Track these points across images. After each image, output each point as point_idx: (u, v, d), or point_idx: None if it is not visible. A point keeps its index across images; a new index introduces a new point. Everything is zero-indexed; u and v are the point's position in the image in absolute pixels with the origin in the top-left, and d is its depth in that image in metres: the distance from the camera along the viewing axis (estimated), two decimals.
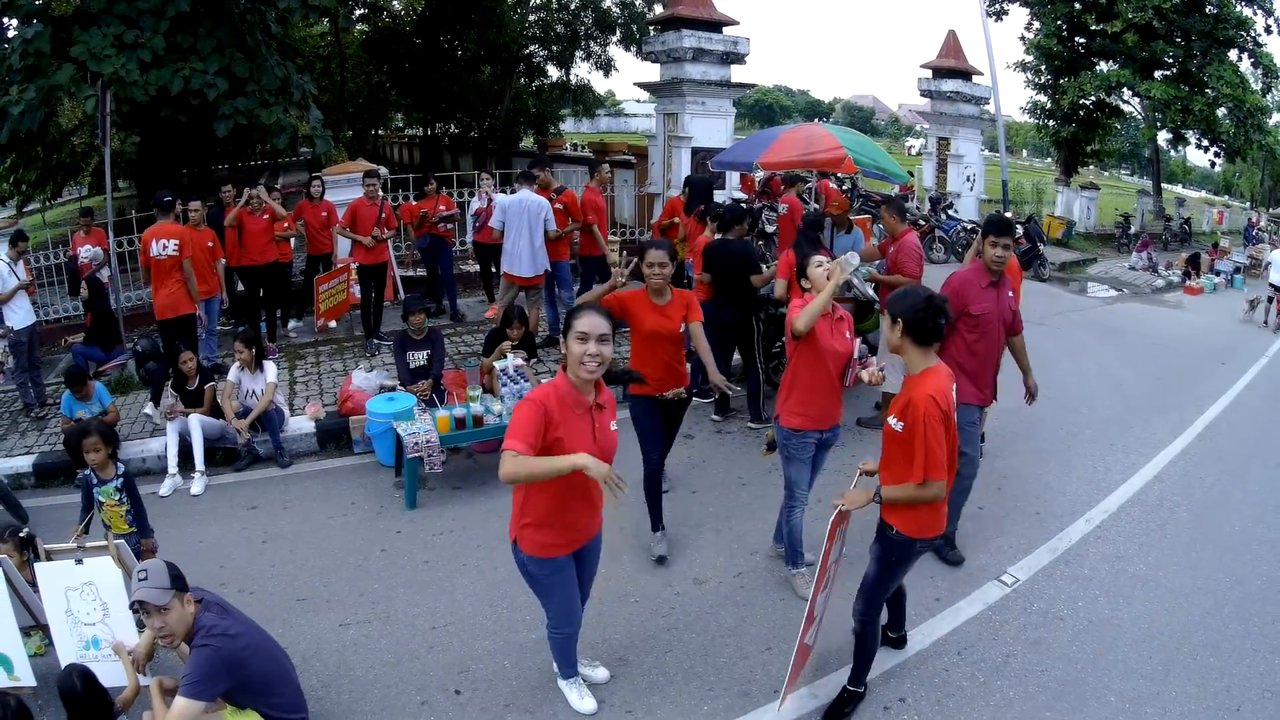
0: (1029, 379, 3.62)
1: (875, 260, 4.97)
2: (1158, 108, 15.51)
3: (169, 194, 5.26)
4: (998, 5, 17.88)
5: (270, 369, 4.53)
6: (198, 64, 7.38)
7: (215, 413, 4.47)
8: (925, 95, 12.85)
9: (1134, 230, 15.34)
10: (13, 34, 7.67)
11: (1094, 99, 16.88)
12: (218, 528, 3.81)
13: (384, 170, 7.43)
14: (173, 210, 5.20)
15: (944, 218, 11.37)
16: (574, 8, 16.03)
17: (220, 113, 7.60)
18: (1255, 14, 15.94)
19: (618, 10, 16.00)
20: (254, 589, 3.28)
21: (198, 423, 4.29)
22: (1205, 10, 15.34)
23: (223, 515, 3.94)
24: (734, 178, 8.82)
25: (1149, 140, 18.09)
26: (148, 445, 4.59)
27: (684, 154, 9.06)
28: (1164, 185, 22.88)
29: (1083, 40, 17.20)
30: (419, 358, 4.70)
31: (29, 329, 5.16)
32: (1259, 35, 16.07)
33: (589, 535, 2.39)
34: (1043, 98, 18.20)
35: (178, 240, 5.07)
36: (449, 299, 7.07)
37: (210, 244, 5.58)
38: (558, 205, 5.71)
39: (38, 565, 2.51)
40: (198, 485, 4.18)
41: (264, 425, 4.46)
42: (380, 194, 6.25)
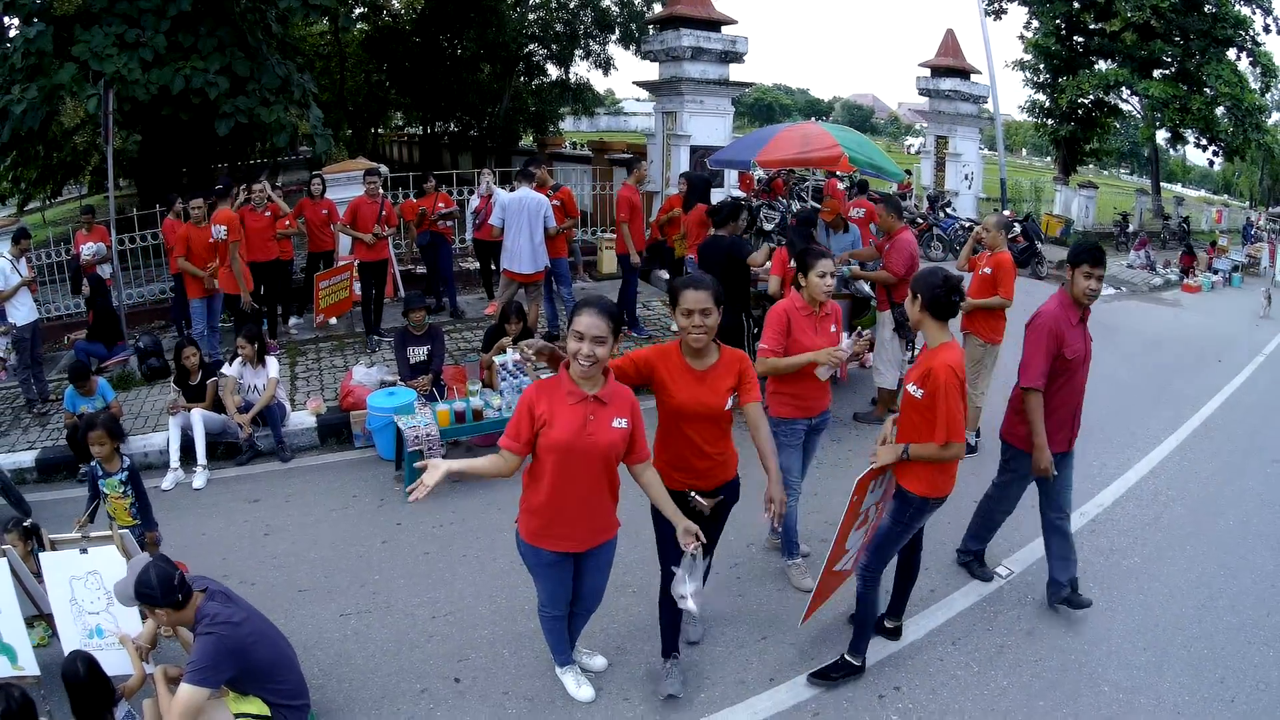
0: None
1: (872, 259, 5.01)
2: (1156, 106, 15.54)
3: (226, 180, 5.72)
4: (996, 4, 17.90)
5: (272, 364, 4.57)
6: (199, 63, 7.43)
7: (217, 408, 4.51)
8: (924, 94, 12.89)
9: (1132, 229, 15.37)
10: (14, 33, 7.71)
11: (1092, 98, 16.91)
12: (220, 520, 3.85)
13: (384, 169, 7.46)
14: (230, 196, 5.59)
15: (942, 216, 11.43)
16: (573, 6, 16.07)
17: (221, 111, 7.65)
18: (1254, 13, 15.97)
19: (617, 9, 16.03)
20: (256, 580, 3.32)
21: (200, 417, 4.32)
22: (1204, 9, 15.36)
23: (224, 508, 3.98)
24: (732, 176, 8.84)
25: (1148, 138, 18.11)
26: (150, 440, 4.62)
27: (683, 152, 9.08)
28: (1163, 185, 22.91)
29: (1081, 39, 17.23)
30: (419, 353, 4.73)
31: (31, 325, 5.21)
32: (1257, 35, 16.12)
33: (589, 544, 2.34)
34: (1041, 96, 18.23)
35: (226, 226, 5.43)
36: (449, 296, 7.10)
37: (210, 241, 5.58)
38: (554, 201, 5.74)
39: (43, 555, 2.54)
40: (199, 479, 4.22)
41: (266, 420, 4.49)
42: (381, 192, 6.28)
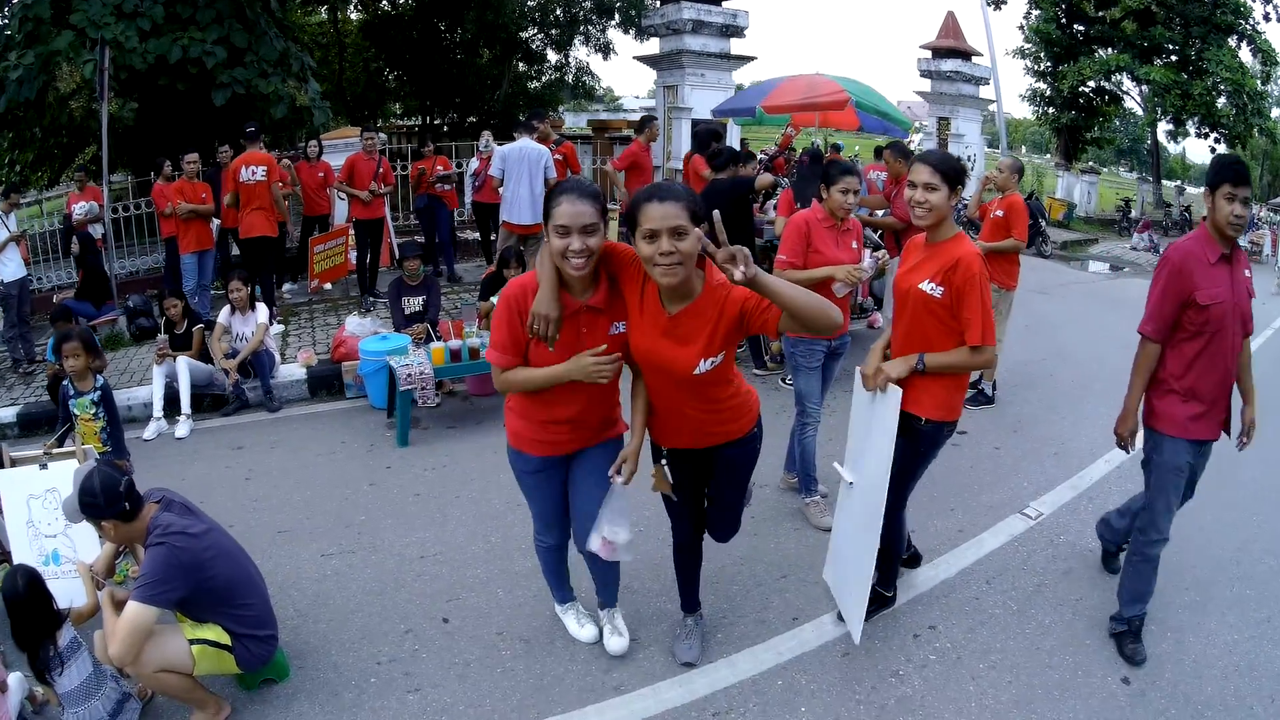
0: (1249, 408, 2.39)
1: (881, 208, 4.84)
2: (1158, 92, 15.47)
3: (255, 125, 5.76)
4: None
5: (262, 310, 4.39)
6: (196, 33, 7.34)
7: (204, 359, 4.32)
8: (925, 76, 12.77)
9: (1134, 215, 15.29)
10: (14, 0, 7.59)
11: (1094, 84, 16.85)
12: (201, 466, 3.65)
13: (382, 135, 7.31)
14: (259, 140, 5.65)
15: None
16: None
17: (218, 82, 7.51)
18: (1254, 1, 15.96)
19: None
20: (234, 522, 3.09)
21: (185, 365, 4.13)
22: None
23: (207, 455, 3.78)
24: (736, 136, 8.71)
25: (1149, 124, 18.02)
26: (134, 393, 4.43)
27: (684, 126, 8.94)
28: (1163, 181, 22.87)
29: (1081, 27, 17.18)
30: (414, 303, 4.54)
31: (19, 282, 5.09)
32: (1257, 23, 16.09)
33: (583, 442, 2.05)
34: (1042, 85, 18.18)
35: (265, 166, 5.43)
36: (446, 262, 6.92)
37: (204, 196, 5.56)
38: (557, 156, 5.56)
39: (0, 472, 2.34)
40: (182, 428, 4.02)
41: (254, 369, 4.30)
42: (378, 150, 6.13)
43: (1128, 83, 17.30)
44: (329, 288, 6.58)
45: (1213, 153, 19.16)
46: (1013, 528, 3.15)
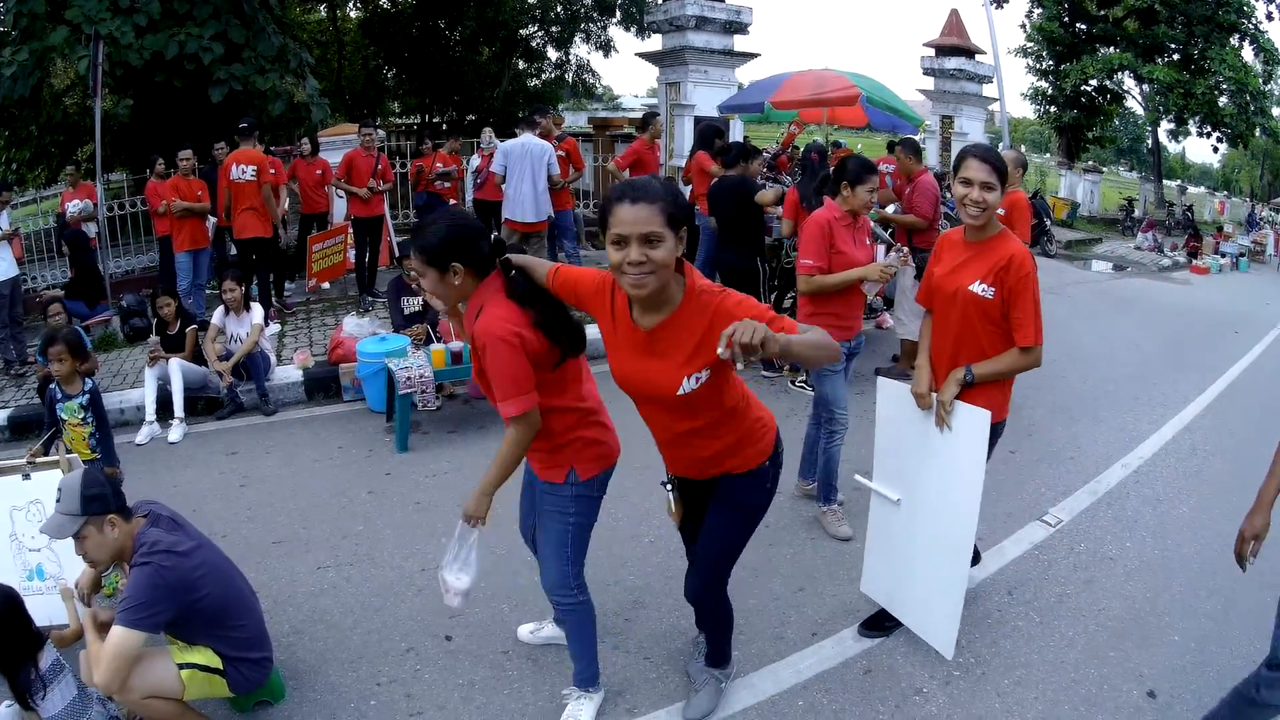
0: None
1: (891, 203, 4.75)
2: (1161, 91, 15.42)
3: (250, 119, 5.54)
4: None
5: (257, 310, 4.28)
6: (194, 29, 7.22)
7: (198, 360, 4.21)
8: (928, 74, 12.67)
9: (1137, 215, 15.24)
10: None
11: (1096, 83, 16.79)
12: (194, 472, 3.54)
13: (381, 132, 7.20)
14: (253, 136, 5.38)
15: (948, 195, 11.19)
16: None
17: (215, 78, 7.39)
18: (1257, 0, 15.91)
19: None
20: (228, 532, 3.01)
21: (178, 367, 4.02)
22: None
23: (200, 461, 3.67)
24: (740, 132, 8.61)
25: (1152, 123, 17.97)
26: (126, 396, 4.32)
27: (686, 123, 8.84)
28: (1164, 180, 22.85)
29: (1084, 26, 17.12)
30: (414, 303, 4.44)
31: (10, 281, 4.98)
32: (1260, 22, 16.04)
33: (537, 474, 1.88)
34: (1044, 84, 18.12)
35: (256, 166, 5.19)
36: None
37: (200, 193, 5.45)
38: (560, 152, 5.45)
39: None
40: (175, 432, 3.91)
41: (248, 371, 4.19)
42: (376, 146, 6.02)
43: (1129, 82, 17.24)
44: (327, 287, 6.47)
45: (1215, 152, 19.17)
46: (1033, 535, 3.07)
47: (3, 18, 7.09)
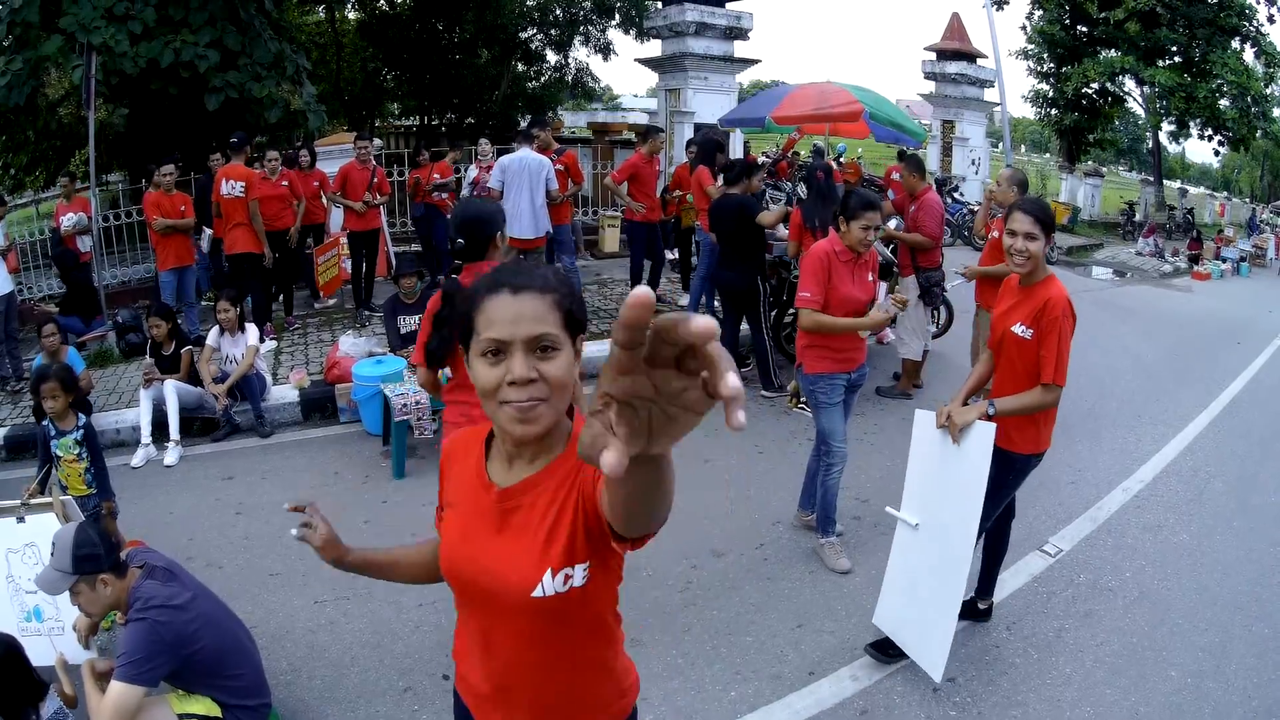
0: None
1: (892, 217, 4.73)
2: (1162, 94, 15.37)
3: (241, 135, 5.48)
4: None
5: (252, 331, 4.25)
6: (189, 36, 7.17)
7: (193, 381, 4.18)
8: (930, 78, 12.65)
9: (1138, 218, 15.20)
10: (1, 6, 7.43)
11: (1097, 86, 16.74)
12: (189, 498, 3.52)
13: (377, 141, 7.16)
14: (243, 151, 5.36)
15: (949, 200, 11.16)
16: None
17: (211, 86, 7.34)
18: (1258, 3, 15.84)
19: None
20: (223, 563, 3.00)
21: (173, 389, 3.99)
22: None
23: (196, 486, 3.65)
24: (739, 141, 8.57)
25: (1154, 126, 17.92)
26: (122, 415, 4.30)
27: (686, 129, 8.81)
28: (1164, 182, 22.80)
29: (1085, 29, 17.06)
30: (410, 322, 4.41)
31: (6, 297, 4.94)
32: (1261, 25, 15.97)
33: None
34: (1045, 86, 18.06)
35: (244, 182, 5.18)
36: (444, 272, 6.77)
37: (182, 208, 5.37)
38: (558, 166, 5.42)
39: None
40: (171, 455, 3.89)
41: (244, 392, 4.16)
42: (372, 158, 5.98)
43: (1130, 85, 17.18)
44: (332, 302, 6.45)
45: (1216, 154, 19.09)
46: (1032, 566, 3.06)
47: None
